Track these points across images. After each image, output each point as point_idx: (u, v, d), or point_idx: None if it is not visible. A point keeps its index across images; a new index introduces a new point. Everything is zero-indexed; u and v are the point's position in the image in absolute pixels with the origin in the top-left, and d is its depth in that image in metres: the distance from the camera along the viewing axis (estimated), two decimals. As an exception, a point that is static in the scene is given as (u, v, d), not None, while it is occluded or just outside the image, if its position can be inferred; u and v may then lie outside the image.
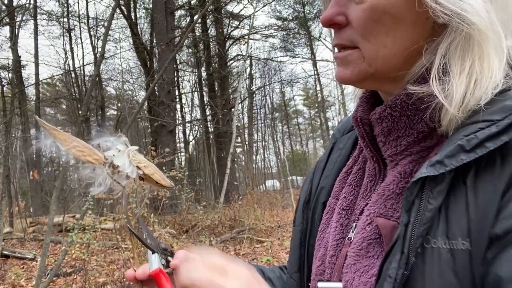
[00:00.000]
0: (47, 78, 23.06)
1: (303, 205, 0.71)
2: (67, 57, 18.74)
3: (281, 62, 22.39)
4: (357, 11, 0.51)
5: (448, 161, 0.44)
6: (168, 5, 13.53)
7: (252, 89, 23.54)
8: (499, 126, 0.43)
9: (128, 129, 5.71)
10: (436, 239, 0.44)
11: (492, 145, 0.42)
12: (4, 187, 6.93)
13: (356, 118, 0.59)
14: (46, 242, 4.03)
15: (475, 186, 0.43)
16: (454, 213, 0.44)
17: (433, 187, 0.45)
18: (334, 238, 0.60)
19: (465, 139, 0.44)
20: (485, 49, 0.46)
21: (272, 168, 33.41)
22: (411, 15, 0.48)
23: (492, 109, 0.44)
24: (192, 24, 9.72)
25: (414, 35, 0.50)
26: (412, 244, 0.44)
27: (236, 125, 14.54)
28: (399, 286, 0.44)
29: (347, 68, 0.54)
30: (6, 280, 5.68)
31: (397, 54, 0.51)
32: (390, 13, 0.49)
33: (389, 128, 0.54)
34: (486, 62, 0.46)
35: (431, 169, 0.44)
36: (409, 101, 0.51)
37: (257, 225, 8.33)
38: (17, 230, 10.93)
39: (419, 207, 0.45)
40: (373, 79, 0.54)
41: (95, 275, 5.36)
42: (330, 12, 0.52)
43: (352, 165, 0.66)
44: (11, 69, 12.96)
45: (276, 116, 31.71)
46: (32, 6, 13.74)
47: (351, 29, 0.52)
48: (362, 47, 0.52)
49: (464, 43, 0.47)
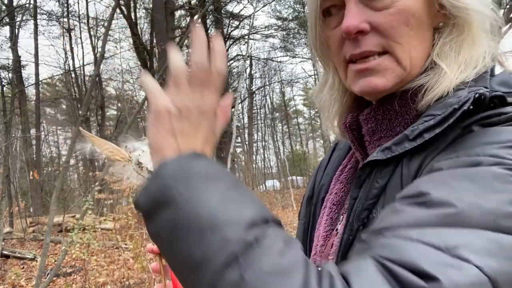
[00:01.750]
0: (47, 78, 23.05)
1: (307, 200, 0.76)
2: (67, 57, 18.74)
3: (281, 62, 22.38)
4: (384, 16, 0.52)
5: (395, 148, 0.50)
6: (168, 5, 13.53)
7: (252, 89, 23.54)
8: (436, 120, 0.48)
9: (128, 129, 5.70)
10: (376, 211, 0.51)
11: (428, 135, 0.49)
12: (4, 187, 6.93)
13: (346, 124, 0.64)
14: (46, 242, 4.03)
15: (410, 162, 0.50)
16: (391, 188, 0.50)
17: (381, 169, 0.52)
18: (324, 230, 0.66)
19: (410, 129, 0.50)
20: (477, 38, 0.53)
21: (272, 168, 33.43)
22: (428, 18, 0.54)
23: (438, 105, 0.50)
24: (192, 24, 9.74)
25: (430, 36, 0.55)
26: (357, 214, 0.52)
27: (236, 125, 14.54)
28: (343, 249, 0.52)
29: (382, 76, 0.54)
30: (6, 280, 5.68)
31: (422, 55, 0.55)
32: (416, 16, 0.52)
33: (373, 129, 0.59)
34: (476, 51, 0.53)
35: (381, 154, 0.51)
36: (390, 106, 0.56)
37: (257, 225, 8.33)
38: (17, 230, 10.93)
39: (368, 185, 0.52)
40: (403, 83, 0.55)
41: (95, 275, 5.36)
42: (354, 21, 0.52)
43: (346, 164, 0.71)
44: (11, 69, 12.96)
45: (276, 116, 31.71)
46: (32, 6, 13.74)
47: (376, 35, 0.53)
48: (395, 51, 0.53)
49: (464, 35, 0.53)
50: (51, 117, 28.27)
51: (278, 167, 29.52)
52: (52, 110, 27.63)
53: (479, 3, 0.53)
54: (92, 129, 19.31)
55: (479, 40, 0.54)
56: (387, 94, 0.57)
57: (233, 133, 13.28)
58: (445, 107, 0.49)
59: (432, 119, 0.49)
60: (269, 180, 28.64)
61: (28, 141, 16.10)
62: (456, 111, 0.48)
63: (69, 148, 5.02)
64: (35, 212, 15.08)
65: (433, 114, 0.49)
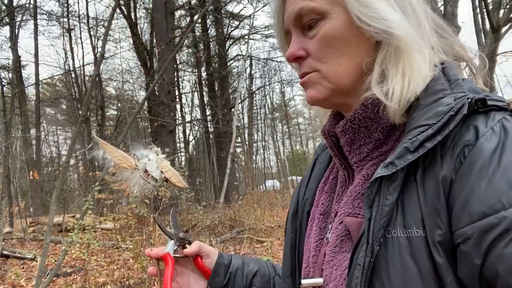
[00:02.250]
0: (47, 78, 23.07)
1: (292, 216, 0.79)
2: (67, 57, 18.74)
3: (281, 62, 22.35)
4: (312, 43, 0.63)
5: (398, 162, 0.52)
6: (168, 5, 13.53)
7: (252, 89, 23.53)
8: (434, 128, 0.51)
9: (128, 129, 5.70)
10: (395, 230, 0.51)
11: (429, 144, 0.51)
12: (4, 187, 6.93)
13: (324, 131, 0.69)
14: (46, 242, 4.03)
15: (423, 182, 0.52)
16: (408, 207, 0.52)
17: (389, 185, 0.53)
18: (314, 240, 0.69)
19: (409, 142, 0.52)
20: (411, 54, 0.58)
21: (272, 168, 33.43)
22: (355, 37, 0.61)
23: (428, 115, 0.53)
24: (192, 24, 9.72)
25: (361, 53, 0.62)
26: (375, 235, 0.51)
27: (236, 125, 14.54)
28: (367, 272, 0.51)
29: (313, 89, 0.64)
30: (6, 280, 5.68)
31: (351, 69, 0.62)
32: (338, 38, 0.61)
33: (352, 138, 0.63)
34: (414, 63, 0.58)
35: (385, 170, 0.53)
36: (365, 114, 0.61)
37: (257, 225, 8.33)
38: (17, 230, 10.93)
39: (378, 203, 0.52)
40: (337, 94, 0.64)
41: (95, 275, 5.36)
42: (293, 49, 0.64)
43: (328, 175, 0.75)
44: (11, 69, 12.96)
45: (276, 116, 31.70)
46: (32, 6, 13.75)
47: (310, 58, 0.64)
48: (321, 68, 0.63)
49: (395, 52, 0.59)
50: (51, 117, 28.28)
51: (278, 167, 29.53)
52: (52, 110, 27.64)
53: (398, 26, 0.58)
54: (92, 129, 19.31)
55: (414, 51, 0.59)
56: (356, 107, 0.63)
57: (233, 133, 13.28)
58: (438, 115, 0.52)
59: (428, 128, 0.52)
60: (269, 180, 28.63)
61: (28, 141, 16.11)
62: (453, 117, 0.51)
63: (69, 148, 5.02)
64: (35, 212, 15.08)
65: (428, 124, 0.52)
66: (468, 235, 0.46)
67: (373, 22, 0.59)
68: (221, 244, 7.50)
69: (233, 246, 7.36)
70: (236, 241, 7.71)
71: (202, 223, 8.82)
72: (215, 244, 7.24)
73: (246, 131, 26.24)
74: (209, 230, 8.48)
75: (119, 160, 0.80)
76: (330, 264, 0.61)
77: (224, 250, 7.06)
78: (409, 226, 0.50)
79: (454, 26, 6.98)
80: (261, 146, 30.40)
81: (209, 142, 19.07)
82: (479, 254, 0.46)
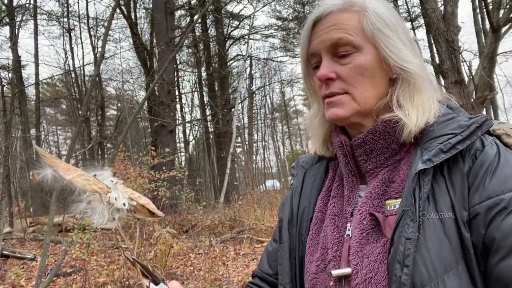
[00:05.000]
0: (47, 78, 23.06)
1: (288, 223, 0.87)
2: (67, 57, 18.75)
3: (281, 62, 22.36)
4: (345, 69, 0.75)
5: (434, 159, 0.67)
6: (168, 5, 13.52)
7: (252, 89, 23.52)
8: (463, 135, 0.68)
9: (128, 129, 5.70)
10: (430, 213, 0.66)
11: (460, 146, 0.67)
12: (4, 187, 6.92)
13: (341, 141, 0.80)
14: (46, 242, 4.02)
15: (450, 176, 0.68)
16: (439, 196, 0.67)
17: (424, 178, 0.67)
18: (333, 237, 0.78)
19: (442, 145, 0.68)
20: (423, 88, 0.76)
21: (272, 168, 33.41)
22: (381, 71, 0.76)
23: (451, 126, 0.70)
24: (192, 24, 9.71)
25: (383, 84, 0.77)
26: (419, 215, 0.65)
27: (236, 125, 14.54)
28: (415, 244, 0.64)
29: (341, 107, 0.76)
30: (6, 280, 5.68)
31: (375, 96, 0.77)
32: (368, 69, 0.75)
33: (371, 148, 0.77)
34: (425, 97, 0.75)
35: (424, 165, 0.67)
36: (384, 129, 0.76)
37: (257, 225, 8.33)
38: (17, 230, 10.93)
39: (419, 191, 0.66)
40: (358, 114, 0.77)
41: (95, 275, 5.36)
42: (326, 71, 0.76)
43: (330, 184, 0.86)
44: (11, 69, 12.95)
45: (276, 116, 31.70)
46: (32, 6, 13.75)
47: (340, 81, 0.76)
48: (352, 92, 0.75)
49: (413, 87, 0.75)
50: (51, 117, 28.27)
51: (278, 167, 29.52)
52: (52, 110, 27.63)
53: (417, 67, 0.75)
54: (92, 129, 19.31)
55: (425, 89, 0.75)
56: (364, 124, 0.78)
57: (233, 133, 13.28)
58: (461, 127, 0.69)
59: (458, 135, 0.68)
60: (269, 180, 28.62)
61: (28, 141, 16.09)
62: (479, 128, 0.68)
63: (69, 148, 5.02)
64: (35, 212, 15.08)
65: (455, 133, 0.69)
66: (477, 211, 0.64)
67: (397, 62, 0.75)
68: (221, 244, 7.49)
69: (233, 246, 7.36)
70: (236, 241, 7.70)
71: (202, 223, 8.82)
72: (215, 244, 7.24)
73: (246, 131, 26.24)
74: (209, 230, 8.48)
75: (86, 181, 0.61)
76: (360, 254, 0.71)
77: (224, 250, 7.06)
78: (441, 210, 0.65)
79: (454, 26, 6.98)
80: (261, 146, 30.41)
81: (209, 142, 19.06)
82: (484, 225, 0.64)
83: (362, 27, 0.75)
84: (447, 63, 7.03)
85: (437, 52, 7.27)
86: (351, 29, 0.75)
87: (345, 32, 0.75)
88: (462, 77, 7.02)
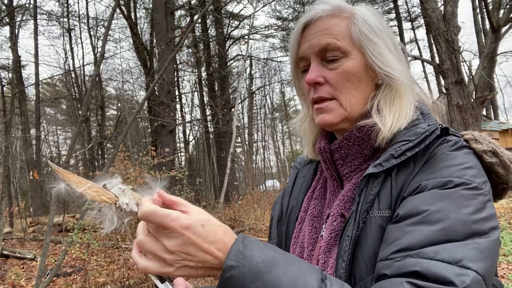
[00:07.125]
0: (47, 78, 23.07)
1: (277, 221, 0.92)
2: (67, 57, 18.76)
3: (281, 62, 22.36)
4: (333, 74, 0.77)
5: (384, 163, 0.71)
6: (168, 5, 13.51)
7: (252, 89, 23.52)
8: (414, 142, 0.71)
9: (128, 129, 5.70)
10: (373, 212, 0.70)
11: (409, 153, 0.71)
12: (4, 187, 6.92)
13: (320, 147, 0.84)
14: (46, 242, 4.02)
15: (396, 177, 0.71)
16: (383, 195, 0.70)
17: (374, 180, 0.71)
18: (309, 237, 0.82)
19: (394, 150, 0.71)
20: (404, 97, 0.78)
21: (272, 168, 33.41)
22: (367, 77, 0.79)
23: (409, 134, 0.73)
24: (192, 24, 9.70)
25: (368, 90, 0.80)
26: (361, 215, 0.70)
27: (236, 125, 14.53)
28: (353, 242, 0.69)
29: (329, 114, 0.79)
30: (6, 280, 5.68)
31: (360, 102, 0.79)
32: (355, 75, 0.77)
33: (346, 153, 0.80)
34: (404, 105, 0.77)
35: (374, 169, 0.71)
36: (359, 135, 0.78)
37: (257, 225, 8.33)
38: (17, 230, 10.93)
39: (366, 193, 0.71)
40: (346, 120, 0.80)
41: (95, 275, 5.36)
42: (314, 75, 0.78)
43: (315, 186, 0.90)
44: (11, 69, 12.94)
45: (276, 116, 31.70)
46: (32, 6, 13.75)
47: (328, 86, 0.78)
48: (339, 98, 0.78)
49: (395, 93, 0.78)
50: (51, 117, 28.27)
51: (278, 167, 29.52)
52: (52, 110, 27.63)
53: (400, 74, 0.77)
54: (92, 129, 19.31)
55: (405, 96, 0.78)
56: (349, 129, 0.80)
57: (233, 133, 13.27)
58: (416, 134, 0.72)
59: (409, 142, 0.71)
60: (269, 180, 28.61)
61: (28, 141, 16.09)
62: (429, 136, 0.71)
63: (69, 148, 5.01)
64: (35, 212, 15.08)
65: (408, 140, 0.71)
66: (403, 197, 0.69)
67: (383, 68, 0.77)
68: (221, 244, 7.48)
69: (233, 246, 7.34)
70: (236, 241, 7.69)
71: (202, 223, 8.79)
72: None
73: (246, 131, 26.23)
74: (209, 230, 8.46)
75: (96, 192, 0.65)
76: (327, 254, 0.75)
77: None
78: (383, 209, 0.69)
79: (454, 26, 6.97)
80: (261, 146, 30.40)
81: (209, 142, 19.06)
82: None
83: (350, 33, 0.77)
84: (447, 63, 7.02)
85: (437, 52, 7.28)
86: (339, 35, 0.77)
87: (334, 37, 0.77)
88: (462, 77, 7.03)
